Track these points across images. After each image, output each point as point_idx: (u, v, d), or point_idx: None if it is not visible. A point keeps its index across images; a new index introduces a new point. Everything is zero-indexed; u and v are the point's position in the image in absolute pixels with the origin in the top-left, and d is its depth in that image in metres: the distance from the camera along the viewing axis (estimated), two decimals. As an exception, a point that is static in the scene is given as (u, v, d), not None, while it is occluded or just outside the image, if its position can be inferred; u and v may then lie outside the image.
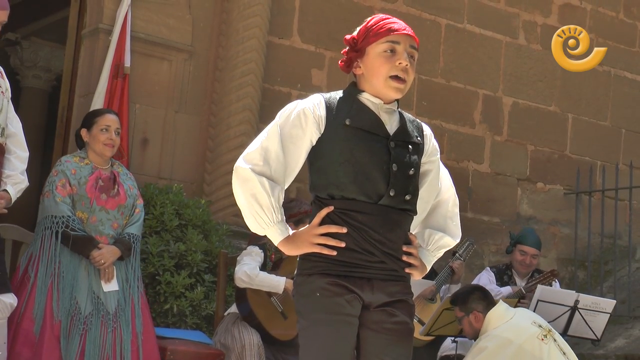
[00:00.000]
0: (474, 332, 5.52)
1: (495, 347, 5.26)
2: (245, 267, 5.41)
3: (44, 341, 4.84)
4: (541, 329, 5.37)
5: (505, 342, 5.28)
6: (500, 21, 8.35)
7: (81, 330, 4.92)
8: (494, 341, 5.29)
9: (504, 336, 5.32)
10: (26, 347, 4.85)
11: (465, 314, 5.54)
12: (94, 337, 4.95)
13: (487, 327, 5.40)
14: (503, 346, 5.27)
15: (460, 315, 5.59)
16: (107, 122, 5.28)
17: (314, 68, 7.43)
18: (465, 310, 5.55)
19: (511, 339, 5.30)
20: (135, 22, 6.49)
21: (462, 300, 5.61)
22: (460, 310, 5.59)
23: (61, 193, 5.05)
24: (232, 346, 5.37)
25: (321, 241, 3.00)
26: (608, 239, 8.13)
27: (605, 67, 8.78)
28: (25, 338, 4.86)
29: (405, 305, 3.10)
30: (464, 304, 5.58)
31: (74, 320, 4.93)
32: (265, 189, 2.99)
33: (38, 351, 4.83)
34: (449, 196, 3.29)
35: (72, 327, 4.92)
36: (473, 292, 5.63)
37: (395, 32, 3.10)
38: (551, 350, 5.29)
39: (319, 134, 3.07)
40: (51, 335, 4.87)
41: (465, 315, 5.54)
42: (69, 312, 4.94)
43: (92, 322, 4.96)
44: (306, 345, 3.03)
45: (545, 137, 8.53)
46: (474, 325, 5.51)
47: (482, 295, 5.60)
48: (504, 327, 5.37)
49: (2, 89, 4.74)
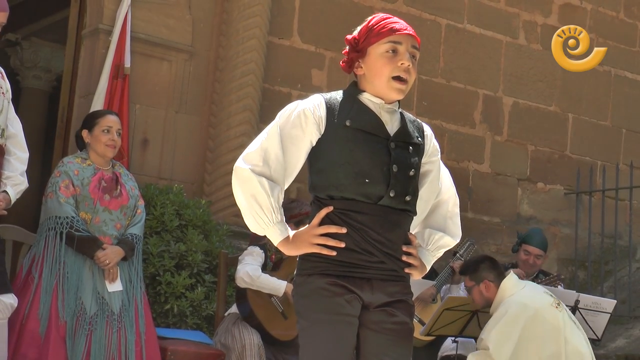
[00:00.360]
0: (485, 301, 5.49)
1: (515, 312, 5.25)
2: (248, 268, 5.41)
3: (50, 342, 4.85)
4: (553, 298, 5.40)
5: (524, 307, 5.27)
6: (501, 21, 8.35)
7: (87, 330, 4.93)
8: (513, 306, 5.28)
9: (522, 302, 5.31)
10: (32, 348, 4.85)
11: (475, 283, 5.52)
12: (100, 337, 4.95)
13: (503, 295, 5.38)
14: (522, 311, 5.25)
15: (470, 285, 5.56)
16: (109, 123, 5.28)
17: (314, 68, 7.43)
18: (475, 280, 5.53)
19: (528, 304, 5.30)
20: (135, 22, 6.49)
21: (472, 270, 5.58)
22: (471, 279, 5.56)
23: (65, 194, 5.05)
24: (233, 346, 5.37)
25: (321, 241, 3.00)
26: (608, 239, 8.13)
27: (606, 67, 8.78)
28: (31, 339, 4.86)
29: (405, 305, 3.09)
30: (474, 273, 5.55)
31: (80, 320, 4.94)
32: (265, 189, 2.99)
33: (44, 352, 4.84)
34: (450, 196, 3.29)
35: (77, 327, 4.92)
36: (483, 262, 5.62)
37: (397, 32, 3.09)
38: (565, 317, 5.31)
39: (319, 134, 3.07)
40: (57, 336, 4.87)
41: (476, 285, 5.52)
42: (75, 313, 4.94)
43: (97, 322, 4.97)
44: (306, 346, 3.03)
45: (545, 137, 8.53)
46: (485, 294, 5.49)
47: (491, 264, 5.58)
48: (520, 294, 5.37)
49: (3, 90, 4.73)
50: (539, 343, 5.19)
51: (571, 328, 5.30)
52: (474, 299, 5.56)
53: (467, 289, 5.63)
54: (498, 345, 5.17)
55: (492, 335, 5.19)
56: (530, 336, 5.20)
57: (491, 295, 5.46)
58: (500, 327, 5.21)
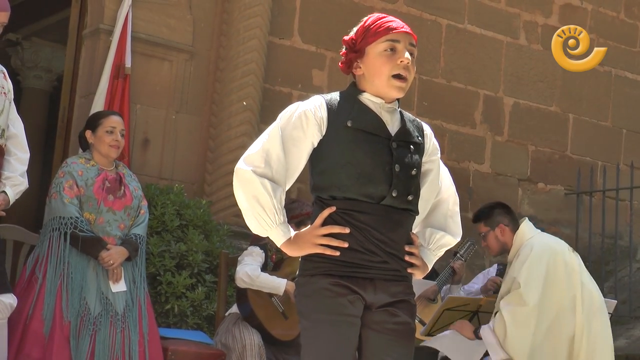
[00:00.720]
0: (501, 247, 5.47)
1: (539, 251, 5.22)
2: (247, 268, 5.41)
3: (54, 342, 4.85)
4: (567, 245, 5.41)
5: (547, 247, 5.26)
6: (501, 21, 8.35)
7: (91, 330, 4.93)
8: (536, 246, 5.26)
9: (544, 242, 5.32)
10: (36, 348, 4.85)
11: (490, 228, 5.50)
12: (104, 337, 4.96)
13: (522, 238, 5.35)
14: (545, 251, 5.23)
15: (484, 231, 5.54)
16: (112, 123, 5.28)
17: (314, 68, 7.43)
18: (490, 225, 5.50)
19: (551, 245, 5.31)
20: (136, 22, 6.50)
21: (486, 215, 5.56)
22: (485, 225, 5.53)
23: (69, 194, 5.05)
24: (233, 346, 5.37)
25: (324, 242, 3.00)
26: (609, 239, 8.12)
27: (606, 67, 8.78)
28: (35, 339, 4.86)
29: (407, 305, 3.09)
30: (488, 218, 5.53)
31: (84, 320, 4.94)
32: (267, 190, 2.99)
33: (48, 352, 4.84)
34: (449, 195, 3.29)
35: (82, 327, 4.92)
36: (496, 207, 5.60)
37: (394, 31, 3.10)
38: (580, 263, 5.32)
39: (320, 135, 3.07)
40: (61, 336, 4.87)
41: (491, 230, 5.50)
42: (79, 313, 4.94)
43: (101, 322, 4.97)
44: (308, 346, 3.03)
45: (546, 137, 8.53)
46: (500, 238, 5.47)
47: (505, 209, 5.57)
48: (539, 237, 5.37)
49: (5, 90, 4.73)
50: (562, 286, 5.17)
51: (585, 273, 5.30)
52: (490, 245, 5.53)
53: (482, 236, 5.59)
54: (528, 284, 5.13)
55: (523, 273, 5.14)
56: (554, 278, 5.17)
57: (507, 240, 5.44)
58: (528, 265, 5.17)
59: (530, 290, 5.10)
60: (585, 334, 5.11)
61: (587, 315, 5.15)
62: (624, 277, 8.01)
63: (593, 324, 5.17)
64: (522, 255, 5.26)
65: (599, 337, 5.16)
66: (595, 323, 5.18)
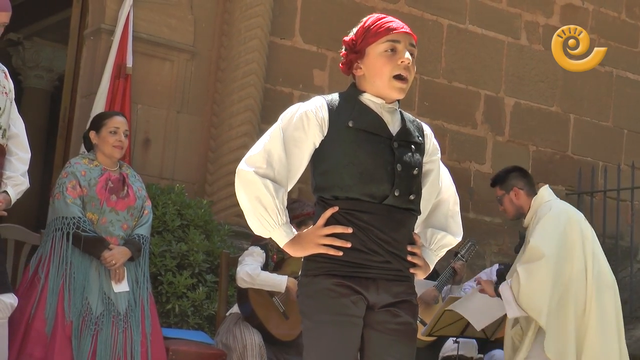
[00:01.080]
0: (516, 210, 5.49)
1: (556, 212, 5.25)
2: (247, 268, 5.41)
3: (56, 341, 4.84)
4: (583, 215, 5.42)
5: (563, 210, 5.29)
6: (502, 22, 8.35)
7: (93, 330, 4.92)
8: (554, 208, 5.29)
9: (561, 206, 5.35)
10: (38, 348, 4.85)
11: (505, 192, 5.52)
12: (105, 337, 4.95)
13: (540, 202, 5.38)
14: (562, 212, 5.26)
15: (500, 194, 5.56)
16: (116, 124, 5.29)
17: (315, 68, 7.43)
18: (505, 188, 5.53)
19: (567, 209, 5.34)
20: (137, 22, 6.50)
21: (501, 179, 5.59)
22: (501, 188, 5.56)
23: (72, 194, 5.05)
24: (234, 346, 5.37)
25: (327, 242, 3.00)
26: (610, 240, 8.12)
27: (607, 67, 8.78)
28: (37, 338, 4.86)
29: (409, 305, 3.10)
30: (503, 182, 5.56)
31: (86, 320, 4.93)
32: (270, 191, 2.99)
33: (50, 351, 4.84)
34: (450, 195, 3.30)
35: (83, 327, 4.92)
36: (512, 171, 5.64)
37: (394, 31, 3.10)
38: (594, 234, 5.33)
39: (322, 136, 3.07)
40: (63, 336, 4.87)
41: (506, 193, 5.52)
42: (81, 313, 4.94)
43: (103, 322, 4.97)
44: (310, 346, 3.03)
45: (547, 137, 8.53)
46: (515, 202, 5.48)
47: (521, 173, 5.60)
48: (556, 201, 5.39)
49: (6, 90, 4.73)
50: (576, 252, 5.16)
51: (598, 246, 5.31)
52: (506, 209, 5.55)
53: (498, 200, 5.62)
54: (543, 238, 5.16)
55: (538, 230, 5.17)
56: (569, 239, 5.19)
57: (522, 203, 5.46)
58: (543, 222, 5.20)
59: (545, 243, 5.11)
60: (595, 308, 5.11)
61: (597, 288, 5.14)
62: (625, 277, 8.01)
63: (604, 297, 5.16)
64: (538, 216, 5.29)
65: (607, 313, 5.16)
66: (606, 297, 5.17)
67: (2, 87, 4.68)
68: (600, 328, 5.10)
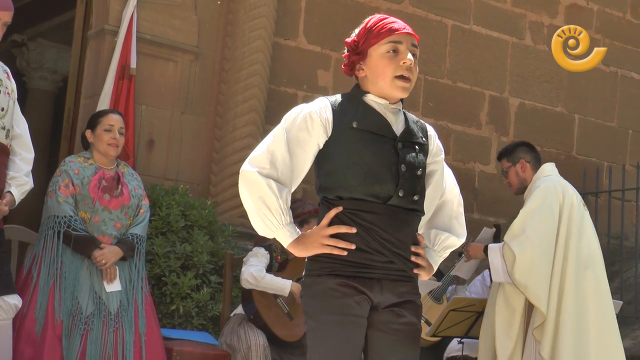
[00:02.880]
0: (520, 183, 5.54)
1: (547, 187, 5.29)
2: (252, 269, 5.41)
3: (46, 341, 4.84)
4: (582, 200, 5.44)
5: (558, 186, 5.31)
6: (507, 22, 8.34)
7: (82, 330, 4.92)
8: (546, 182, 5.33)
9: (557, 180, 5.38)
10: (28, 347, 4.85)
11: (512, 164, 5.57)
12: (95, 337, 4.94)
13: (540, 174, 5.44)
14: (555, 188, 5.29)
15: (507, 166, 5.61)
16: (110, 121, 5.29)
17: (320, 69, 7.43)
18: (512, 160, 5.58)
19: (563, 184, 5.35)
20: (141, 23, 6.50)
21: (509, 152, 5.65)
22: (508, 160, 5.61)
23: (64, 193, 5.05)
24: (238, 347, 5.37)
25: (331, 242, 3.00)
26: (615, 240, 8.11)
27: (612, 67, 8.77)
28: (28, 338, 4.86)
29: (413, 305, 3.09)
30: (510, 155, 5.61)
31: (75, 320, 4.93)
32: (273, 191, 2.98)
33: (39, 351, 4.83)
34: (454, 196, 3.30)
35: (73, 327, 4.91)
36: (521, 144, 5.69)
37: (396, 32, 3.10)
38: (585, 218, 5.35)
39: (326, 137, 3.07)
40: (53, 335, 4.87)
41: (512, 166, 5.56)
42: (71, 312, 4.93)
43: (93, 322, 4.96)
44: (314, 346, 3.03)
45: (551, 138, 8.52)
46: (521, 174, 5.53)
47: (529, 147, 5.65)
48: (556, 177, 5.43)
49: (8, 90, 4.73)
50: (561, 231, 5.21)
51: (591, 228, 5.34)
52: (510, 182, 5.60)
53: (504, 173, 5.66)
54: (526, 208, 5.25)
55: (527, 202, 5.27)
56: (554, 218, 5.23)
57: (527, 176, 5.51)
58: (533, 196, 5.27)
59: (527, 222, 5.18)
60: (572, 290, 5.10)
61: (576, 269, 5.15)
62: (630, 277, 8.00)
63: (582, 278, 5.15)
64: (532, 190, 5.35)
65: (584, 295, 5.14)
66: (583, 277, 5.16)
67: (4, 88, 4.69)
68: (575, 311, 5.08)
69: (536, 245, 5.17)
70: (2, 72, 4.74)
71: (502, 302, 5.26)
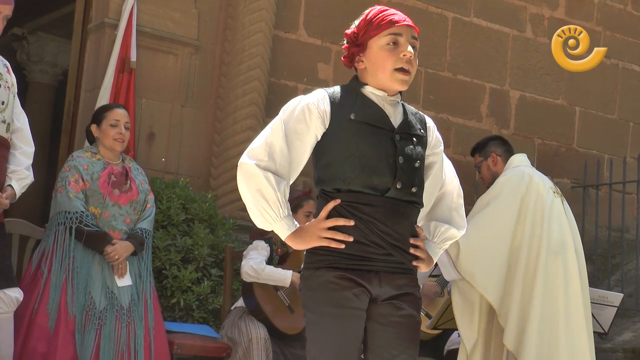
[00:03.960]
0: (492, 177, 5.50)
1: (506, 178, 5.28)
2: (252, 262, 5.41)
3: (59, 336, 4.85)
4: (555, 187, 5.40)
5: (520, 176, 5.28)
6: (507, 14, 8.33)
7: (96, 325, 4.93)
8: (513, 172, 5.32)
9: (521, 170, 5.34)
10: (41, 342, 4.86)
11: (484, 158, 5.56)
12: (109, 331, 4.95)
13: (508, 166, 5.42)
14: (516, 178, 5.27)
15: (478, 161, 5.60)
16: (116, 116, 5.29)
17: (320, 62, 7.42)
18: (484, 155, 5.57)
19: (528, 173, 5.31)
20: (141, 16, 6.49)
21: (481, 146, 5.63)
22: (479, 155, 5.60)
23: (74, 188, 5.05)
24: (239, 340, 5.37)
25: (329, 235, 2.99)
26: (615, 233, 8.10)
27: (613, 60, 8.76)
28: (40, 333, 4.87)
29: (412, 298, 3.09)
30: (482, 149, 5.60)
31: (89, 315, 4.94)
32: (271, 183, 2.98)
33: (53, 346, 4.84)
34: (453, 187, 3.29)
35: (87, 322, 4.92)
36: (492, 139, 5.68)
37: (397, 24, 3.09)
38: (555, 205, 5.27)
39: (323, 129, 3.06)
40: (66, 330, 4.88)
41: (484, 160, 5.54)
42: (84, 307, 4.94)
43: (106, 317, 4.97)
44: (313, 339, 3.03)
45: (552, 130, 8.51)
46: (492, 168, 5.50)
47: (501, 141, 5.62)
48: (525, 168, 5.39)
49: (8, 84, 4.73)
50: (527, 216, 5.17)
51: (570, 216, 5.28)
52: (483, 176, 5.58)
53: (476, 167, 5.66)
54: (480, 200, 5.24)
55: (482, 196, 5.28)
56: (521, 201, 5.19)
57: (498, 170, 5.48)
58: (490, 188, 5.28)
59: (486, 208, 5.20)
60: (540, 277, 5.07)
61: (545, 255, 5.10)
62: (631, 270, 7.99)
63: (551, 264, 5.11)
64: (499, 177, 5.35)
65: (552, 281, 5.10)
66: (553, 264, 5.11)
67: (4, 82, 4.68)
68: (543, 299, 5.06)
69: (482, 234, 5.11)
70: (2, 65, 4.73)
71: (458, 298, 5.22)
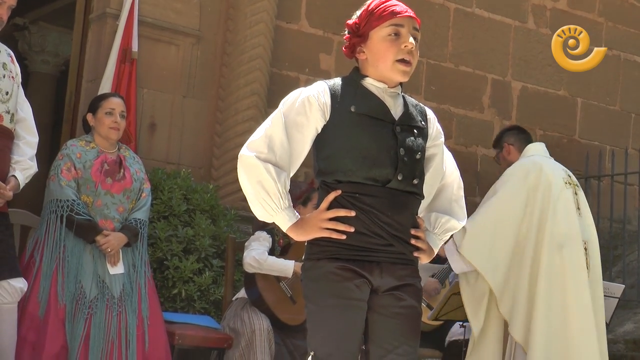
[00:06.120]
0: (508, 166, 5.47)
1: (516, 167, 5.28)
2: (254, 253, 5.41)
3: (49, 324, 4.85)
4: (569, 178, 5.37)
5: (531, 165, 5.27)
6: (509, 5, 8.32)
7: (86, 314, 4.93)
8: (524, 161, 5.31)
9: (533, 160, 5.32)
10: (31, 331, 4.86)
11: (499, 150, 5.56)
12: (99, 321, 4.95)
13: (523, 155, 5.40)
14: (526, 167, 5.26)
15: (496, 153, 5.61)
16: (112, 105, 5.29)
17: (322, 52, 7.41)
18: (499, 147, 5.57)
19: (541, 164, 5.29)
20: (142, 6, 6.48)
21: (497, 139, 5.64)
22: (495, 147, 5.61)
23: (66, 177, 5.05)
24: (242, 331, 5.37)
25: (330, 226, 2.99)
26: (617, 224, 8.10)
27: (615, 51, 8.74)
28: (30, 321, 4.87)
29: (413, 289, 3.09)
30: (498, 141, 5.60)
31: (79, 304, 4.93)
32: (272, 175, 2.98)
33: (42, 334, 4.84)
34: (454, 179, 3.29)
35: (77, 310, 4.92)
36: (507, 130, 5.67)
37: (398, 15, 3.09)
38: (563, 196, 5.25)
39: (324, 121, 3.06)
40: (55, 319, 4.88)
41: (500, 151, 5.55)
42: (74, 296, 4.94)
43: (97, 305, 4.96)
44: (314, 330, 3.03)
45: (554, 121, 8.51)
46: (507, 158, 5.50)
47: (516, 131, 5.61)
48: (538, 157, 5.36)
49: (13, 74, 4.72)
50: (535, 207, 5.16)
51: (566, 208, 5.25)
52: (502, 168, 5.54)
53: (496, 161, 5.65)
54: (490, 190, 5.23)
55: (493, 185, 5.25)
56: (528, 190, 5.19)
57: (513, 159, 5.47)
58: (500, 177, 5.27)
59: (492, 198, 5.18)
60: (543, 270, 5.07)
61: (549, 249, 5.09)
62: (632, 261, 7.99)
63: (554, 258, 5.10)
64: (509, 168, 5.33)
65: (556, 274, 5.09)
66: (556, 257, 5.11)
67: (8, 72, 4.67)
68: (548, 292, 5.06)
69: (487, 219, 5.10)
70: (7, 55, 4.73)
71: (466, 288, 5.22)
